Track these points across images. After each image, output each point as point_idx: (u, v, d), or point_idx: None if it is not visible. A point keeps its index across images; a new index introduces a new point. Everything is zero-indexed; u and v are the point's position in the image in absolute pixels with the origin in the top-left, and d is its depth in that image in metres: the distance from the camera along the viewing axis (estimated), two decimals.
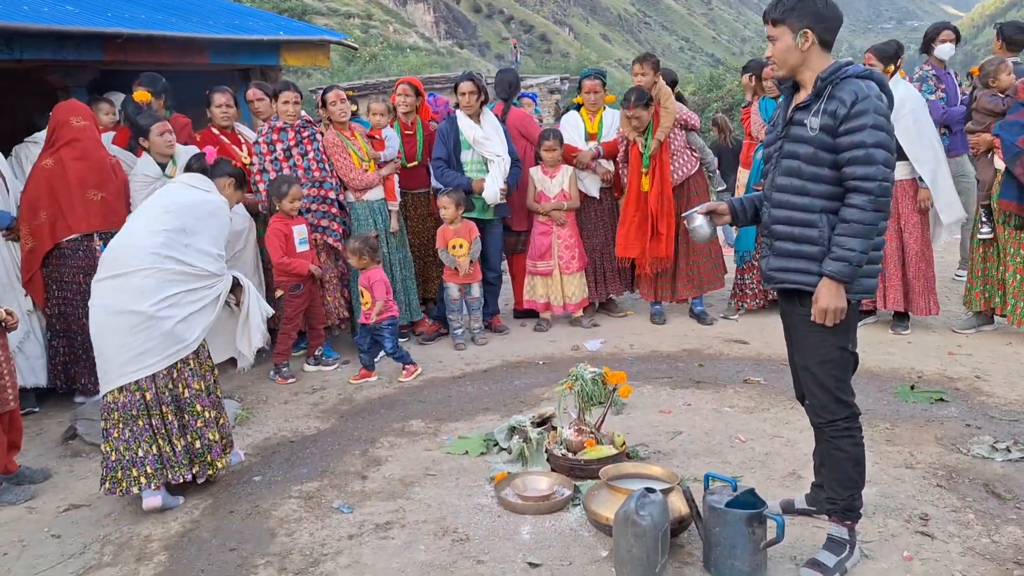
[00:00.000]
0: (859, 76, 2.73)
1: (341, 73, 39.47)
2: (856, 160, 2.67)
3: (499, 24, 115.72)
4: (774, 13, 2.80)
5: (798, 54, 2.79)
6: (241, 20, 7.91)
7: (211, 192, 4.04)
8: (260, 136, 5.67)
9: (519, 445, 3.95)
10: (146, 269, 3.62)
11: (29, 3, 5.84)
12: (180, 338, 3.67)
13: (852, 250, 2.69)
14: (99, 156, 5.06)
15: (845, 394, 2.90)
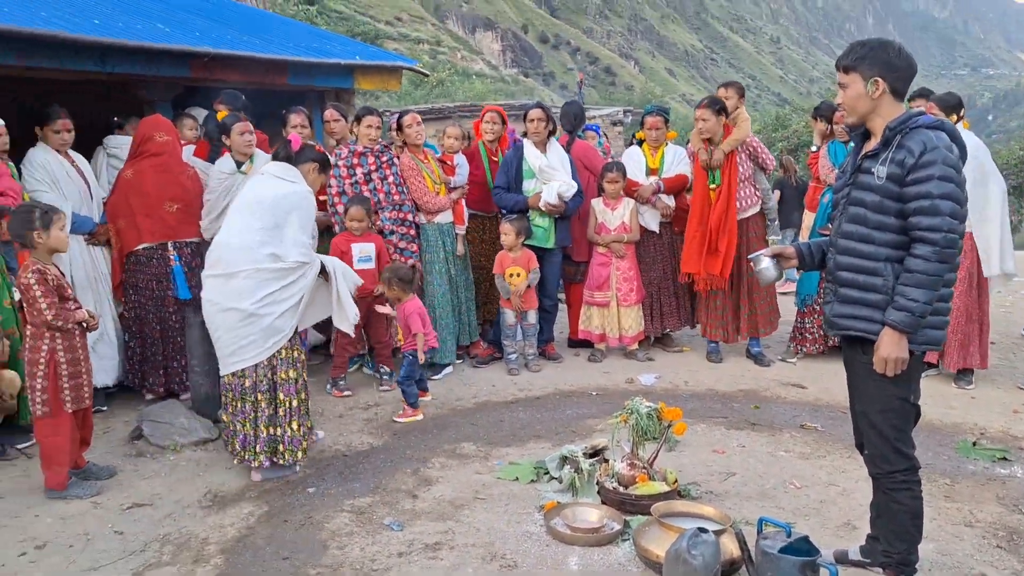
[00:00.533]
0: (929, 127, 2.73)
1: (408, 97, 40.20)
2: (922, 211, 2.67)
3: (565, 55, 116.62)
4: (846, 60, 2.83)
5: (868, 102, 2.81)
6: (319, 43, 8.15)
7: (297, 182, 4.27)
8: (339, 159, 5.73)
9: (570, 475, 3.97)
10: (245, 271, 4.01)
11: (124, 20, 6.11)
12: (278, 330, 4.09)
13: (915, 300, 2.67)
14: (178, 170, 5.30)
15: (905, 445, 2.86)
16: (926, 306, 2.68)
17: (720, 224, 5.87)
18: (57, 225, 3.91)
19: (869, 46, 2.80)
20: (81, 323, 3.97)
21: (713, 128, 5.87)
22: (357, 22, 66.05)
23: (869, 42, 2.82)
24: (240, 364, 4.06)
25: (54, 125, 5.07)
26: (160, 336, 5.33)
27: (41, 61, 5.14)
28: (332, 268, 4.36)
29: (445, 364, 6.02)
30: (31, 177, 4.99)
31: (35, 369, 3.86)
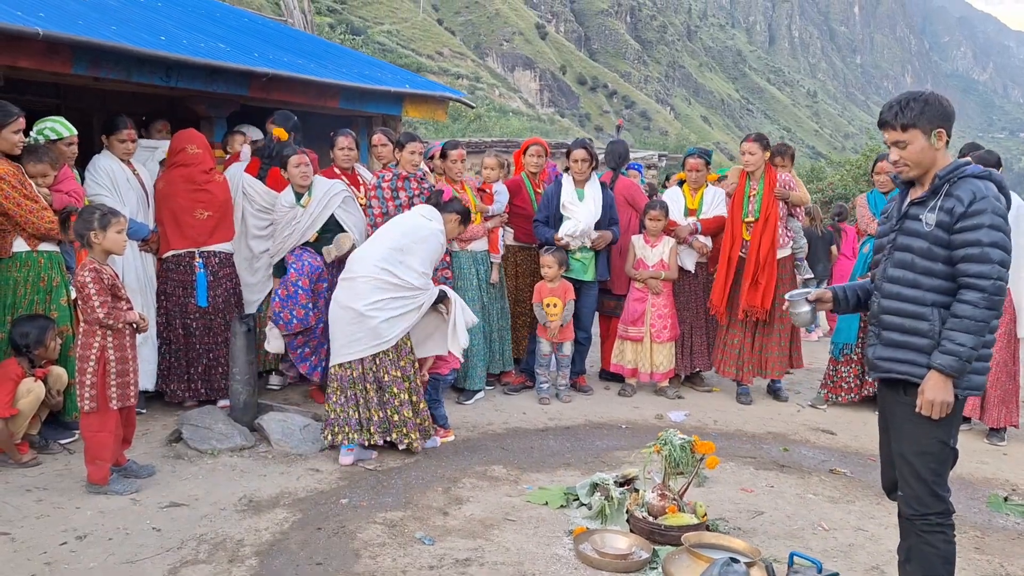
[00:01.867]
0: (977, 176, 2.79)
1: (446, 130, 40.68)
2: (971, 258, 2.72)
3: (601, 97, 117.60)
4: (904, 118, 2.84)
5: (932, 153, 2.85)
6: (371, 71, 8.36)
7: (434, 222, 4.86)
8: (383, 182, 5.81)
9: (600, 502, 4.00)
10: (366, 277, 4.57)
11: (188, 38, 6.33)
12: (381, 335, 4.56)
13: (962, 345, 2.71)
14: (203, 180, 5.49)
15: (942, 489, 2.87)
16: (973, 351, 2.72)
17: (765, 257, 6.02)
18: (115, 228, 4.06)
19: (923, 100, 2.82)
20: (132, 323, 4.10)
21: (758, 162, 6.06)
22: (400, 55, 67.19)
23: (919, 96, 2.84)
24: (348, 356, 4.59)
25: (120, 135, 5.27)
26: (184, 343, 5.49)
27: (110, 72, 5.33)
28: (454, 298, 4.87)
29: (476, 390, 6.08)
30: (94, 182, 5.18)
31: (85, 365, 3.99)
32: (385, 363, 4.62)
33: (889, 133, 2.90)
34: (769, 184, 6.08)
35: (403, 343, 4.68)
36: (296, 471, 4.52)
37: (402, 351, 4.67)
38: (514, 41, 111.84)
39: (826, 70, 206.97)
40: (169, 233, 5.46)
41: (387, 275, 4.56)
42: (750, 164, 6.07)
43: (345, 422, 4.63)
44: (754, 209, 6.06)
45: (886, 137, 2.93)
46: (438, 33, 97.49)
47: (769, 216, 6.04)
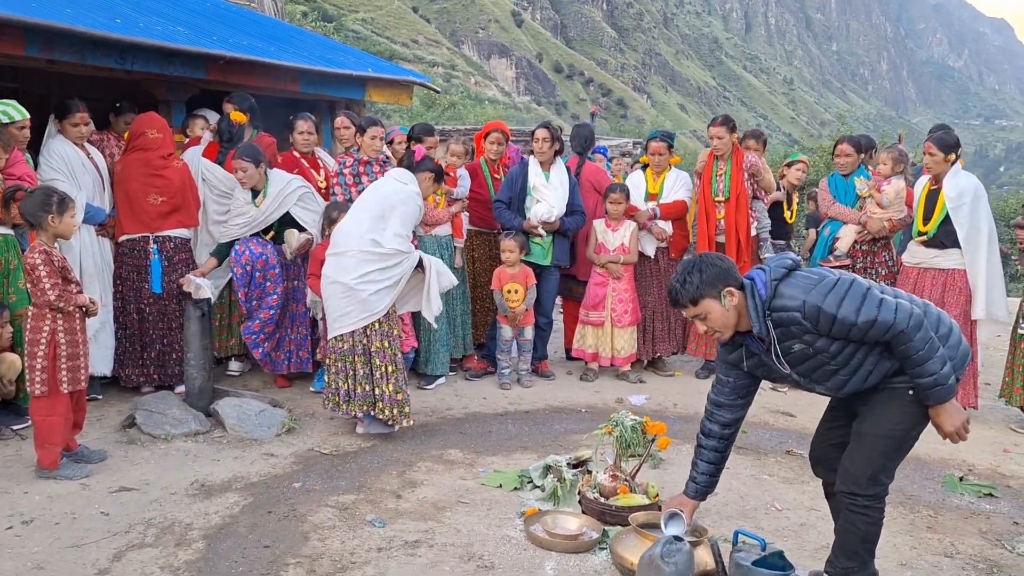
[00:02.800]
0: (778, 309, 2.77)
1: (420, 117, 40.43)
2: (862, 333, 2.72)
3: (578, 85, 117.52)
4: (688, 296, 2.87)
5: (732, 311, 2.87)
6: (333, 55, 8.28)
7: (409, 184, 4.94)
8: (345, 168, 5.81)
9: (553, 484, 4.01)
10: (351, 252, 4.66)
11: (144, 21, 6.23)
12: (372, 307, 4.67)
13: (933, 373, 2.71)
14: (159, 164, 5.43)
15: (884, 475, 2.90)
16: (945, 368, 2.72)
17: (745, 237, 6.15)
18: (69, 212, 4.02)
19: (698, 270, 2.86)
20: (82, 307, 4.05)
21: (726, 145, 6.18)
22: (373, 42, 66.72)
23: (692, 268, 2.88)
24: (340, 330, 4.69)
25: (72, 118, 5.19)
26: (139, 328, 5.45)
27: (64, 55, 5.25)
28: (428, 263, 4.93)
29: (438, 375, 6.07)
30: (48, 167, 5.10)
31: (35, 349, 3.94)
32: (372, 334, 4.72)
33: (686, 312, 2.93)
34: (737, 163, 6.15)
35: (392, 311, 4.84)
36: (250, 456, 4.50)
37: (392, 319, 4.84)
38: (490, 28, 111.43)
39: (802, 57, 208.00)
40: (123, 217, 5.41)
41: (373, 245, 4.66)
42: (719, 148, 6.16)
43: (335, 393, 4.77)
44: (723, 188, 6.16)
45: (684, 314, 2.98)
46: (413, 20, 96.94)
47: (739, 195, 6.14)
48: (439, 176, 5.21)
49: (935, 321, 2.85)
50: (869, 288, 2.76)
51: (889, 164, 5.86)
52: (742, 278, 2.87)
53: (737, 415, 3.15)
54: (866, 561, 2.94)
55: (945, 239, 5.33)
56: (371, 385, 4.74)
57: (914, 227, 5.54)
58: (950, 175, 5.34)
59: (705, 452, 3.19)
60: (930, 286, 5.43)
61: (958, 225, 5.27)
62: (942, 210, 5.31)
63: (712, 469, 3.20)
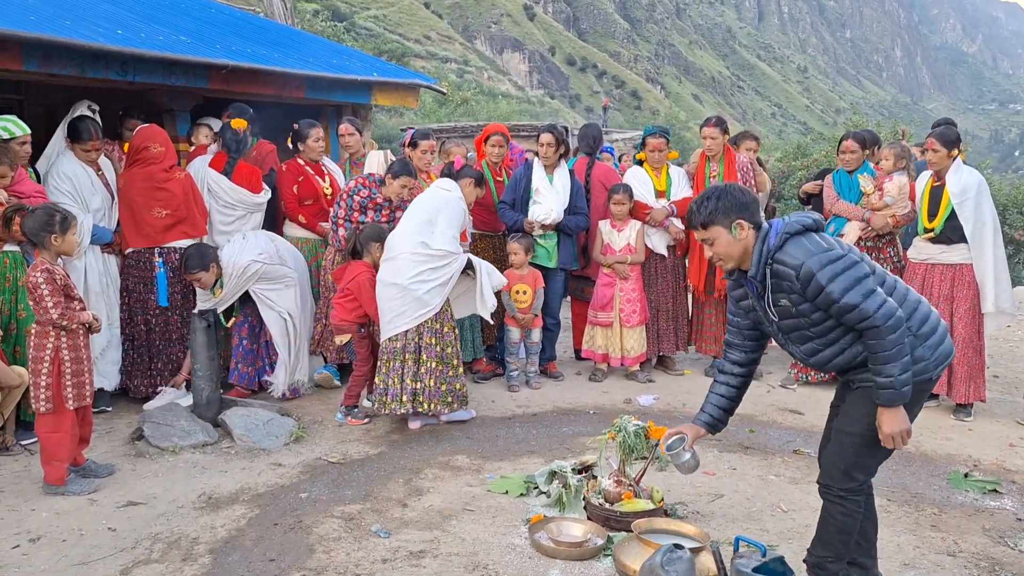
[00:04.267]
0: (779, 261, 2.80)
1: (433, 115, 40.47)
2: (843, 312, 2.75)
3: (591, 78, 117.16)
4: (700, 218, 2.93)
5: (738, 244, 2.91)
6: (338, 59, 8.28)
7: (453, 191, 5.28)
8: (356, 195, 5.62)
9: (558, 490, 4.00)
10: (404, 254, 4.95)
11: (147, 31, 6.26)
12: (426, 304, 4.94)
13: (891, 376, 2.74)
14: (162, 178, 5.44)
15: (858, 472, 2.95)
16: (904, 374, 2.74)
17: None
18: (72, 231, 4.05)
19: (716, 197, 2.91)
20: (85, 324, 4.08)
21: (719, 146, 6.23)
22: (385, 39, 66.83)
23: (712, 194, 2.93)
24: (396, 329, 4.95)
25: (85, 145, 5.22)
26: (146, 339, 5.49)
27: (64, 68, 5.28)
28: (479, 265, 5.21)
29: None
30: (56, 189, 5.11)
31: (40, 366, 3.97)
32: (424, 330, 4.97)
33: (696, 233, 2.98)
34: (729, 164, 6.17)
35: (444, 308, 5.06)
36: (258, 466, 4.52)
37: (444, 316, 5.06)
38: (502, 23, 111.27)
39: (816, 45, 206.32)
40: (127, 230, 5.43)
41: (423, 247, 4.94)
42: (711, 148, 6.20)
43: (384, 392, 4.98)
44: None
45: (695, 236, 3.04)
46: (425, 17, 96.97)
47: None
48: (479, 181, 5.55)
49: (922, 319, 2.88)
50: (867, 276, 2.77)
51: (891, 160, 5.81)
52: (760, 217, 2.91)
53: (750, 356, 3.22)
54: (840, 553, 3.00)
55: (952, 234, 5.28)
56: (416, 381, 4.98)
57: (919, 224, 5.49)
58: (952, 170, 5.29)
59: (718, 386, 3.28)
60: (939, 282, 5.38)
61: (964, 220, 5.22)
62: (947, 206, 5.26)
63: (724, 403, 3.26)
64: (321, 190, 6.08)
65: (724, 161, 6.22)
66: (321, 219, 5.99)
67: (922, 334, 2.85)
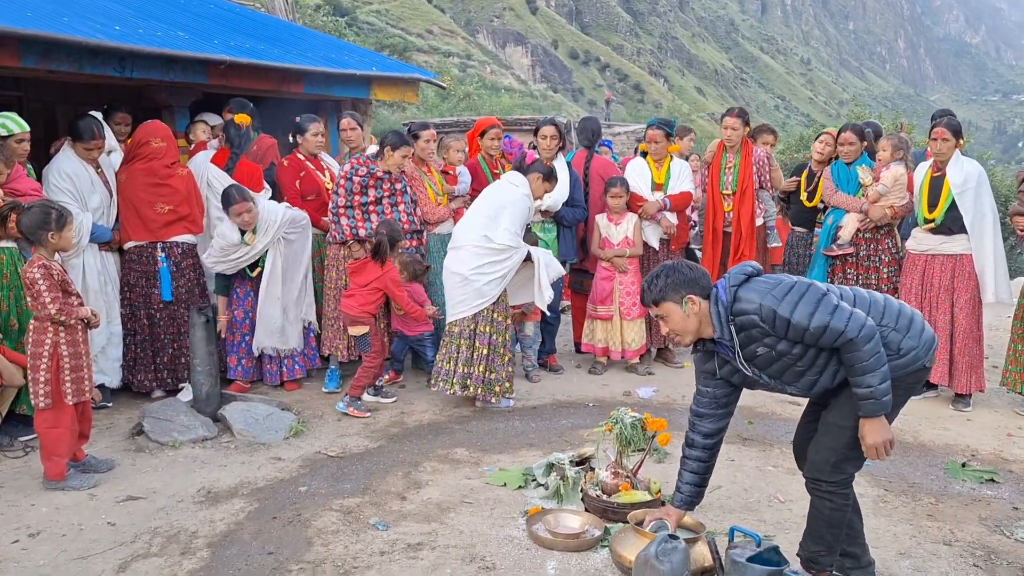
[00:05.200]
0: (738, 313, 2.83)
1: (435, 109, 40.51)
2: (814, 338, 2.76)
3: (594, 71, 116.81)
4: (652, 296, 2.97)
5: (693, 318, 2.93)
6: (337, 54, 8.29)
7: (520, 186, 5.39)
8: (355, 175, 5.66)
9: (556, 482, 4.02)
10: (468, 246, 5.22)
11: (145, 27, 6.27)
12: (484, 294, 5.21)
13: (871, 386, 2.76)
14: (166, 174, 5.47)
15: (848, 465, 2.97)
16: (883, 384, 2.75)
17: (748, 228, 6.19)
18: (68, 227, 4.06)
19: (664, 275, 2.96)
20: (84, 319, 4.09)
21: (739, 137, 6.23)
22: (387, 34, 66.70)
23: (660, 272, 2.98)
24: (456, 316, 5.27)
25: (88, 144, 5.22)
26: (149, 334, 5.51)
27: (62, 65, 5.30)
28: (537, 256, 5.38)
29: None
30: (56, 187, 5.12)
31: (38, 362, 3.99)
32: (480, 318, 5.25)
33: (650, 310, 3.03)
34: (746, 157, 6.16)
35: (501, 299, 5.32)
36: (258, 460, 4.53)
37: (500, 305, 5.32)
38: (504, 17, 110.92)
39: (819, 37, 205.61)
40: (129, 225, 5.45)
41: (485, 241, 5.17)
42: (732, 139, 6.18)
43: (438, 372, 5.34)
44: (731, 181, 6.17)
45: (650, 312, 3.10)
46: (427, 11, 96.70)
47: (746, 188, 6.22)
48: (548, 176, 5.51)
49: (895, 314, 2.88)
50: (825, 294, 2.80)
51: (888, 150, 5.80)
52: (709, 288, 2.93)
53: (718, 425, 3.18)
54: (832, 546, 3.01)
55: (952, 225, 5.28)
56: (468, 366, 5.27)
57: (919, 214, 5.48)
58: (953, 161, 5.29)
59: (689, 463, 3.23)
60: (939, 272, 5.38)
61: (964, 211, 5.22)
62: (948, 196, 5.26)
63: (697, 480, 3.23)
64: (323, 184, 6.09)
65: (741, 153, 6.24)
66: (323, 214, 5.99)
67: (901, 327, 2.86)
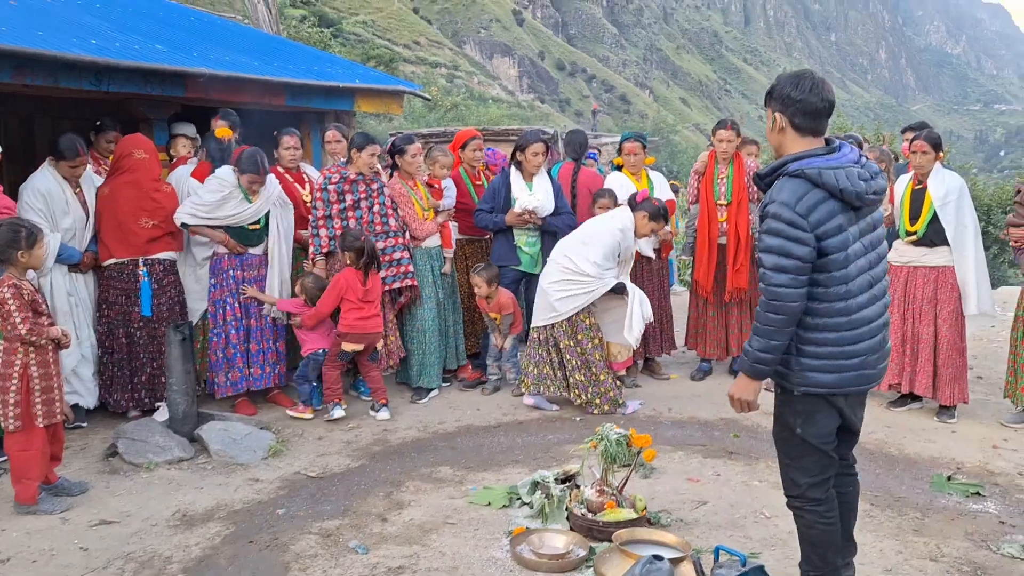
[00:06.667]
0: (789, 175, 2.68)
1: (422, 120, 40.42)
2: (760, 263, 2.71)
3: (581, 82, 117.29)
4: (768, 93, 2.83)
5: (773, 136, 2.80)
6: (320, 66, 8.23)
7: (614, 220, 5.53)
8: (330, 183, 5.66)
9: (541, 501, 3.94)
10: (554, 261, 5.53)
11: (122, 40, 6.19)
12: (556, 309, 5.47)
13: (750, 348, 2.73)
14: (151, 187, 5.38)
15: (795, 475, 2.88)
16: (759, 353, 2.71)
17: (745, 238, 6.18)
18: (39, 245, 3.98)
19: (777, 79, 2.80)
20: (54, 339, 4.00)
21: (732, 149, 6.23)
22: (374, 44, 66.62)
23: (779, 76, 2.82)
24: (534, 323, 5.60)
25: (72, 162, 5.11)
26: (127, 352, 5.39)
27: (37, 79, 5.21)
28: (632, 293, 5.56)
29: (431, 388, 6.01)
30: (28, 205, 5.00)
31: (8, 383, 3.88)
32: (558, 332, 5.49)
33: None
34: (738, 167, 6.16)
35: (579, 319, 5.51)
36: (235, 482, 4.44)
37: (577, 326, 5.51)
38: (491, 28, 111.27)
39: (802, 48, 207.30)
40: (111, 241, 5.32)
41: (567, 261, 5.42)
42: (726, 151, 6.19)
43: (526, 374, 5.60)
44: (725, 192, 6.16)
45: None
46: (414, 22, 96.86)
47: (742, 199, 6.20)
48: (655, 216, 5.50)
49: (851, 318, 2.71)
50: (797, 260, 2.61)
51: None
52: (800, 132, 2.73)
53: None
54: (818, 565, 2.91)
55: (935, 237, 5.25)
56: (560, 372, 5.56)
57: (900, 227, 5.46)
58: (934, 173, 5.28)
59: None
60: (922, 284, 5.35)
61: (946, 223, 5.21)
62: (929, 208, 5.24)
63: None
64: (300, 197, 6.01)
65: (733, 164, 6.23)
66: (301, 227, 5.92)
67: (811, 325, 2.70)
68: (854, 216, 2.70)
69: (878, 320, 2.78)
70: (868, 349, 2.75)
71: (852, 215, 2.69)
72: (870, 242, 2.77)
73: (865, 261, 2.74)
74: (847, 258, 2.67)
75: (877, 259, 2.79)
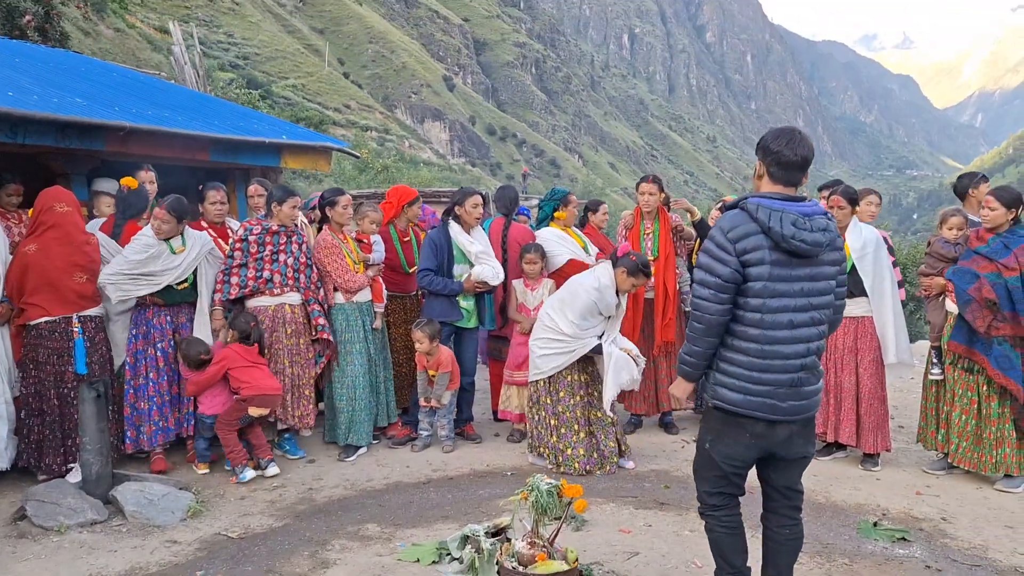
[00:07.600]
0: (736, 206, 3.02)
1: (353, 181, 40.33)
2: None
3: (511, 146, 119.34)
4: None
5: (755, 180, 3.11)
6: (245, 122, 8.18)
7: (588, 278, 5.39)
8: (250, 234, 5.60)
9: (471, 555, 3.86)
10: (540, 316, 5.57)
11: (39, 93, 6.06)
12: (538, 366, 5.51)
13: (684, 353, 3.12)
14: (82, 240, 5.21)
15: (699, 483, 3.23)
16: (685, 356, 3.11)
17: (672, 292, 6.30)
18: None
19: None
20: None
21: (656, 203, 6.33)
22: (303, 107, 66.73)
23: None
24: (529, 376, 5.61)
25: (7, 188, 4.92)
26: (59, 414, 5.12)
27: None
28: (609, 356, 5.33)
29: (359, 446, 5.88)
30: None
31: None
32: (541, 390, 5.50)
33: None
34: (664, 223, 6.25)
35: (561, 377, 5.46)
36: (151, 544, 4.23)
37: (559, 384, 5.46)
38: (422, 93, 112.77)
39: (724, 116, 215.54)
40: (43, 300, 5.05)
41: (547, 319, 5.44)
42: (648, 204, 6.28)
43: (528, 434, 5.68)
44: (651, 247, 6.24)
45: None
46: (344, 86, 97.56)
47: (668, 254, 6.30)
48: (632, 272, 5.26)
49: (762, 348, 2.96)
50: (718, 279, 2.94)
51: None
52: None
53: None
54: (721, 566, 3.21)
55: (853, 288, 5.41)
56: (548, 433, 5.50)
57: None
58: (851, 227, 5.48)
59: None
60: (843, 335, 5.50)
61: (863, 274, 5.39)
62: (847, 261, 5.41)
63: None
64: (224, 252, 5.89)
65: (659, 220, 6.35)
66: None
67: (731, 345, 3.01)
68: (795, 262, 2.92)
69: (795, 360, 2.96)
70: (776, 382, 2.96)
71: (792, 260, 2.92)
72: (807, 290, 2.96)
73: (792, 302, 2.94)
74: (766, 289, 2.90)
75: (809, 306, 2.98)
